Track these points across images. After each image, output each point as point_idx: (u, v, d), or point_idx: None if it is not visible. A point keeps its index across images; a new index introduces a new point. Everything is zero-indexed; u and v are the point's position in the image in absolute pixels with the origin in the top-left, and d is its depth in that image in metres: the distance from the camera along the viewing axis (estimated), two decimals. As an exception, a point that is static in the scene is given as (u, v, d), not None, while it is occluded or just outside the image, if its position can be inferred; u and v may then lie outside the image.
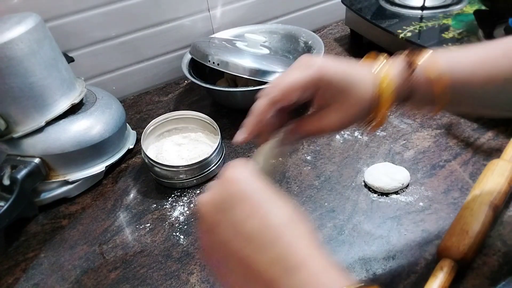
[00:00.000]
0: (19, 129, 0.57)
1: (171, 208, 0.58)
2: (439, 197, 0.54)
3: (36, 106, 0.57)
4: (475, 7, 0.80)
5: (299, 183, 0.59)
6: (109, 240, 0.55)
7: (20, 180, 0.55)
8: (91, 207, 0.61)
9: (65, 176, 0.61)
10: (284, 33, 0.85)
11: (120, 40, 0.80)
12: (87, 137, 0.60)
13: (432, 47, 0.69)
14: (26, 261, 0.54)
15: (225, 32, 0.87)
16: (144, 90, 0.88)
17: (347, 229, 0.52)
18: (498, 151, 0.59)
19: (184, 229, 0.55)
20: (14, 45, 0.53)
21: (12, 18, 0.56)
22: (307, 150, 0.65)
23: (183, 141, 0.67)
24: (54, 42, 0.60)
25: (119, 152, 0.66)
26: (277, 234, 0.28)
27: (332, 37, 0.97)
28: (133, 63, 0.84)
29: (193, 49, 0.74)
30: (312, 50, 0.77)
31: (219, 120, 0.68)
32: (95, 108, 0.64)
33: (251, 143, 0.68)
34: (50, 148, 0.58)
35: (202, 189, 0.61)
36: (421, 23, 0.78)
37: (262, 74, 0.67)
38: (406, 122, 0.67)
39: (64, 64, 0.62)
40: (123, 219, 0.58)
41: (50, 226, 0.58)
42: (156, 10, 0.80)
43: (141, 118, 0.79)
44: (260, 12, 0.93)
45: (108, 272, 0.51)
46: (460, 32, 0.73)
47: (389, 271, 0.46)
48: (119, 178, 0.65)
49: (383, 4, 0.87)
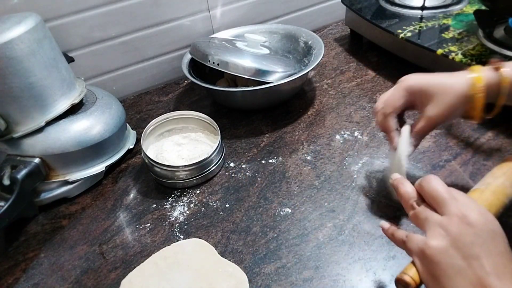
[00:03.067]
0: (19, 129, 0.57)
1: (171, 208, 0.58)
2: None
3: (36, 106, 0.57)
4: (475, 7, 0.81)
5: (299, 183, 0.59)
6: (109, 240, 0.55)
7: (20, 180, 0.55)
8: (91, 207, 0.61)
9: (65, 176, 0.61)
10: (284, 33, 0.85)
11: (120, 40, 0.80)
12: (87, 137, 0.60)
13: (432, 47, 0.69)
14: (26, 261, 0.54)
15: (225, 32, 0.87)
16: (144, 90, 0.88)
17: (347, 229, 0.52)
18: (498, 151, 0.59)
19: (184, 229, 0.55)
20: (14, 45, 0.53)
21: (12, 18, 0.56)
22: (307, 150, 0.65)
23: (183, 141, 0.67)
24: (54, 42, 0.60)
25: (119, 152, 0.67)
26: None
27: (332, 37, 0.97)
28: (133, 63, 0.84)
29: (193, 49, 0.74)
30: (312, 50, 0.77)
31: (219, 120, 0.69)
32: (95, 108, 0.64)
33: (250, 143, 0.68)
34: (50, 148, 0.58)
35: (202, 189, 0.61)
36: (421, 23, 0.78)
37: (262, 74, 0.67)
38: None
39: (64, 64, 0.62)
40: (123, 219, 0.58)
41: (50, 226, 0.58)
42: (156, 10, 0.81)
43: (141, 118, 0.79)
44: (260, 12, 0.93)
45: (108, 272, 0.51)
46: (460, 32, 0.73)
47: (389, 271, 0.46)
48: (119, 178, 0.65)
49: (383, 4, 0.87)
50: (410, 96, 0.49)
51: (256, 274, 0.48)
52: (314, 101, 0.77)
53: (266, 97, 0.72)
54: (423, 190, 0.38)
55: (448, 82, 0.47)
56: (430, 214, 0.37)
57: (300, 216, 0.54)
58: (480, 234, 0.33)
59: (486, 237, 0.33)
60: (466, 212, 0.34)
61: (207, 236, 0.53)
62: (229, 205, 0.57)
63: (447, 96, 0.46)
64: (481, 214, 0.35)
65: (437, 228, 0.35)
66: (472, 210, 0.35)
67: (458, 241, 0.33)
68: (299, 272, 0.47)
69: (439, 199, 0.36)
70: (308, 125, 0.71)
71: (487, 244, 0.33)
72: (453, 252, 0.33)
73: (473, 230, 0.33)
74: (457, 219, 0.34)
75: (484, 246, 0.33)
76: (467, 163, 0.58)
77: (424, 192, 0.38)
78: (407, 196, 0.40)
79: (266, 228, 0.53)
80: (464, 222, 0.34)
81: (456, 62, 0.66)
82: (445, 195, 0.36)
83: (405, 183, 0.41)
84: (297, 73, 0.68)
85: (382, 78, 0.80)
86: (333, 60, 0.88)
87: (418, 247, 0.36)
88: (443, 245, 0.34)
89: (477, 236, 0.33)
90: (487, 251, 0.33)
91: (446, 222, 0.35)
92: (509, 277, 0.32)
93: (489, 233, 0.34)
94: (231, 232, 0.53)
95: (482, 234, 0.33)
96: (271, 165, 0.63)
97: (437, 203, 0.37)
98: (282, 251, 0.50)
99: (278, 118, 0.73)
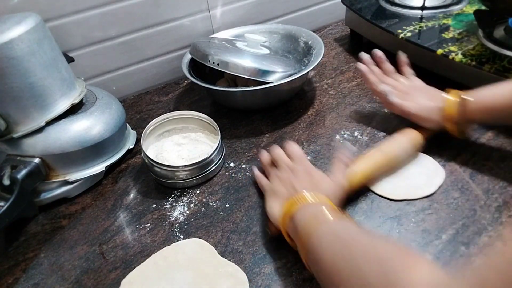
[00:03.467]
0: (19, 129, 0.57)
1: (171, 208, 0.58)
2: (439, 197, 0.54)
3: (36, 106, 0.57)
4: (475, 7, 0.81)
5: (299, 183, 0.59)
6: (109, 240, 0.55)
7: (20, 180, 0.55)
8: (91, 207, 0.61)
9: (65, 176, 0.61)
10: (284, 33, 0.85)
11: (120, 40, 0.80)
12: (87, 137, 0.60)
13: (432, 47, 0.69)
14: (26, 261, 0.54)
15: (225, 32, 0.87)
16: (144, 90, 0.88)
17: (347, 229, 0.52)
18: (498, 151, 0.59)
19: (184, 229, 0.55)
20: (14, 45, 0.53)
21: (12, 18, 0.56)
22: (307, 150, 0.65)
23: (183, 141, 0.67)
24: (54, 42, 0.60)
25: (119, 152, 0.66)
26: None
27: (332, 37, 0.97)
28: (133, 63, 0.84)
29: (193, 49, 0.74)
30: (312, 50, 0.77)
31: (219, 120, 0.69)
32: (95, 108, 0.64)
33: (250, 143, 0.68)
34: (50, 148, 0.58)
35: (202, 189, 0.61)
36: (421, 23, 0.78)
37: (262, 74, 0.67)
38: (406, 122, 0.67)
39: (64, 64, 0.62)
40: (123, 219, 0.58)
41: (50, 226, 0.58)
42: (156, 10, 0.81)
43: (141, 118, 0.79)
44: (260, 12, 0.93)
45: (108, 272, 0.51)
46: (460, 32, 0.73)
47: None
48: (119, 178, 0.65)
49: (383, 4, 0.87)
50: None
51: (256, 274, 0.48)
52: (314, 101, 0.77)
53: (266, 97, 0.72)
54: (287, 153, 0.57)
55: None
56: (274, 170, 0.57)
57: (300, 216, 0.54)
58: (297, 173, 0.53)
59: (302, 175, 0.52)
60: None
61: (207, 236, 0.53)
62: (229, 205, 0.57)
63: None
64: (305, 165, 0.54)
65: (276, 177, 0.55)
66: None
67: (281, 179, 0.53)
68: (299, 272, 0.47)
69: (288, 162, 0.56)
70: (308, 125, 0.71)
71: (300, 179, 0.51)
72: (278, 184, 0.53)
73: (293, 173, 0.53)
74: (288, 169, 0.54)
75: (298, 180, 0.51)
76: (467, 163, 0.58)
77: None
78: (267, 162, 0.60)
79: (266, 228, 0.53)
80: (291, 168, 0.54)
81: (456, 62, 0.66)
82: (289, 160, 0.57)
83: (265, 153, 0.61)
84: (297, 73, 0.68)
85: (382, 78, 0.79)
86: (333, 60, 0.88)
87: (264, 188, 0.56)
88: (272, 182, 0.55)
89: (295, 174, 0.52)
90: (300, 183, 0.51)
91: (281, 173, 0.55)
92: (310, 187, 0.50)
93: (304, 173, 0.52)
94: (231, 232, 0.53)
95: (299, 173, 0.52)
96: (271, 165, 0.63)
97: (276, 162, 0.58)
98: (282, 251, 0.50)
99: (278, 118, 0.73)
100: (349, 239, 0.39)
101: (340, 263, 0.37)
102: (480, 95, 0.54)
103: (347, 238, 0.39)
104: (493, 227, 0.49)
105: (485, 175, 0.56)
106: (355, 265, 0.35)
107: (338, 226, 0.42)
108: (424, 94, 0.61)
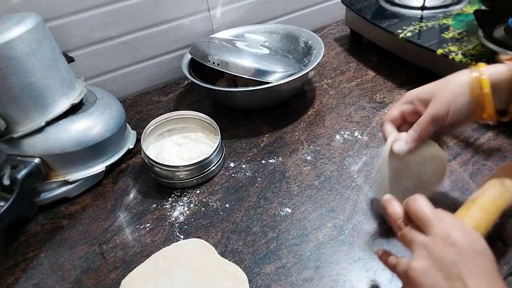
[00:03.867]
0: (19, 129, 0.57)
1: (171, 208, 0.58)
2: (439, 197, 0.54)
3: (36, 106, 0.57)
4: (475, 7, 0.81)
5: (299, 183, 0.59)
6: (109, 240, 0.55)
7: (20, 180, 0.55)
8: (91, 207, 0.61)
9: (65, 176, 0.61)
10: (284, 33, 0.85)
11: (120, 40, 0.80)
12: (87, 137, 0.60)
13: (432, 47, 0.69)
14: (26, 261, 0.54)
15: (225, 32, 0.87)
16: (144, 90, 0.88)
17: (347, 229, 0.52)
18: (498, 151, 0.59)
19: (184, 229, 0.55)
20: (14, 45, 0.53)
21: (12, 18, 0.56)
22: (307, 150, 0.65)
23: (183, 141, 0.67)
24: (54, 42, 0.60)
25: (119, 152, 0.67)
26: None
27: (332, 37, 0.97)
28: (133, 63, 0.84)
29: (193, 49, 0.74)
30: (312, 50, 0.77)
31: (219, 120, 0.69)
32: (95, 108, 0.64)
33: (250, 143, 0.68)
34: (50, 148, 0.58)
35: (202, 189, 0.61)
36: (421, 23, 0.78)
37: (262, 74, 0.67)
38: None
39: (64, 64, 0.62)
40: (123, 219, 0.58)
41: (50, 226, 0.58)
42: (156, 10, 0.81)
43: (141, 118, 0.79)
44: (260, 12, 0.93)
45: (108, 272, 0.51)
46: (460, 32, 0.73)
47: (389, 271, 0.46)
48: (119, 178, 0.65)
49: (383, 4, 0.87)
50: (410, 105, 0.48)
51: (256, 274, 0.48)
52: (314, 101, 0.77)
53: (266, 97, 0.72)
54: (409, 210, 0.38)
55: (448, 78, 0.45)
56: (416, 235, 0.36)
57: (300, 216, 0.54)
58: (462, 253, 0.33)
59: (469, 256, 0.33)
60: (449, 232, 0.34)
61: (207, 236, 0.53)
62: (229, 205, 0.57)
63: (447, 89, 0.44)
64: (464, 233, 0.35)
65: (421, 249, 0.35)
66: (456, 229, 0.35)
67: (441, 262, 0.33)
68: (299, 272, 0.47)
69: (424, 219, 0.36)
70: (308, 125, 0.71)
71: (470, 264, 0.33)
72: (435, 273, 0.33)
73: (455, 249, 0.33)
74: (440, 239, 0.34)
75: (467, 266, 0.33)
76: (467, 163, 0.58)
77: (410, 212, 0.38)
78: (394, 217, 0.40)
79: (266, 228, 0.53)
80: (447, 242, 0.34)
81: (456, 62, 0.66)
82: (430, 216, 0.36)
83: (393, 203, 0.41)
84: (297, 73, 0.68)
85: (382, 78, 0.80)
86: (333, 60, 0.88)
87: (403, 270, 0.36)
88: (425, 266, 0.34)
89: (459, 255, 0.33)
90: (470, 271, 0.32)
91: (429, 243, 0.35)
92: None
93: (471, 252, 0.33)
94: (231, 232, 0.53)
95: (465, 253, 0.33)
96: (271, 165, 0.63)
97: (422, 223, 0.37)
98: (282, 251, 0.50)
99: (278, 118, 0.73)
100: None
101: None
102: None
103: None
104: (493, 227, 0.49)
105: (485, 175, 0.56)
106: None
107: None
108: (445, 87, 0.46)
